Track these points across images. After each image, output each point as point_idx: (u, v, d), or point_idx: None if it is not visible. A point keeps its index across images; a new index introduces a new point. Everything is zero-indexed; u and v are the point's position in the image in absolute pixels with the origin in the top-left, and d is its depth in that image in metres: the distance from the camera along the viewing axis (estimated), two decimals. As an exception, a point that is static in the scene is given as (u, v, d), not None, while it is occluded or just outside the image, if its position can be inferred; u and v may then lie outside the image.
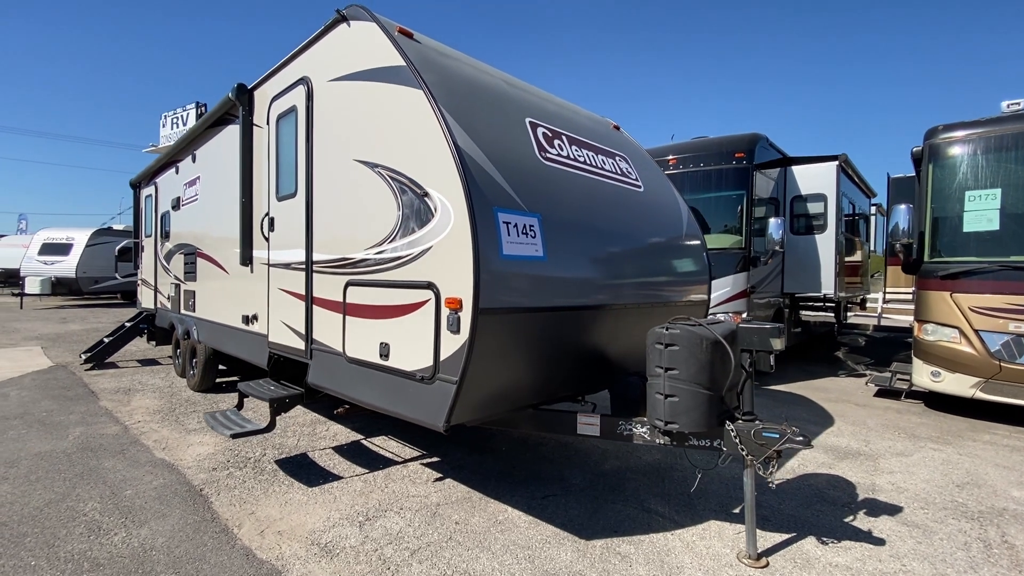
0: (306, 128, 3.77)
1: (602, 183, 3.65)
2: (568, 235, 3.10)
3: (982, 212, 5.76)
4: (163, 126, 32.77)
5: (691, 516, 3.35)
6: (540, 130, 3.40)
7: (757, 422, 2.80)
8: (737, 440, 2.75)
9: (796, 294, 9.02)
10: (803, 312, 9.97)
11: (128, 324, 8.10)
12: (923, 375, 6.05)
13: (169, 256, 7.13)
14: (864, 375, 8.29)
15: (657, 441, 2.94)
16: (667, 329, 2.79)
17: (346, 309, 3.34)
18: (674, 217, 4.31)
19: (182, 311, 6.65)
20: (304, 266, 3.81)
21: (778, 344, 2.77)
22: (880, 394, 6.93)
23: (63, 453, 4.22)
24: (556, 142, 3.45)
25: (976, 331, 5.57)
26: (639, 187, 4.09)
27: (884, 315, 16.12)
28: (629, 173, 4.09)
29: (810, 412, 5.96)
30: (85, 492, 3.51)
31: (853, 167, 9.58)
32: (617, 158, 4.10)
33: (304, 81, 3.80)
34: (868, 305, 14.55)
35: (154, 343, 8.18)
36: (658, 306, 3.86)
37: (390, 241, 2.97)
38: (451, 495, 3.60)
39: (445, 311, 2.57)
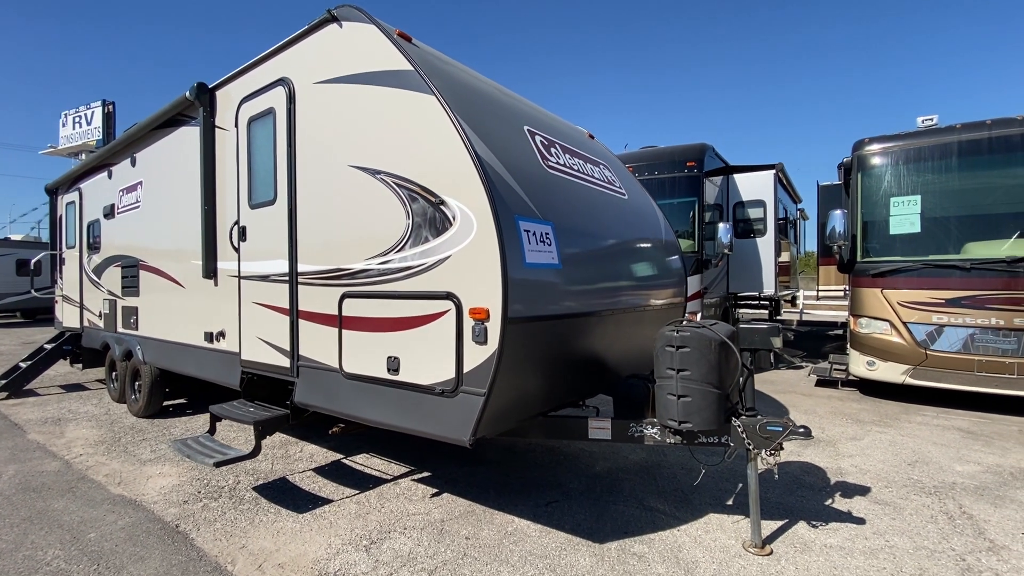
0: (287, 132, 3.56)
1: (596, 191, 3.73)
2: (577, 243, 3.13)
3: (905, 216, 6.43)
4: (63, 125, 29.66)
5: (690, 511, 3.48)
6: (538, 138, 3.42)
7: (759, 417, 2.96)
8: (744, 435, 2.89)
9: (739, 294, 9.63)
10: (743, 310, 10.64)
11: (48, 346, 7.24)
12: (859, 365, 6.64)
13: (100, 269, 6.45)
14: (802, 367, 8.97)
15: (668, 441, 3.02)
16: (677, 331, 2.88)
17: (343, 323, 3.18)
18: (656, 223, 4.48)
19: (119, 329, 6.04)
20: (287, 278, 3.59)
21: (778, 342, 2.95)
22: (820, 383, 7.53)
23: (1, 495, 3.70)
24: (553, 150, 3.48)
25: (904, 323, 6.21)
26: (624, 195, 4.21)
27: (805, 311, 17.57)
28: (614, 181, 4.20)
29: (765, 404, 6.36)
30: (41, 539, 3.10)
31: (786, 175, 10.39)
32: (601, 166, 4.20)
33: (284, 82, 3.59)
34: (797, 303, 15.81)
35: (80, 366, 7.35)
36: (649, 310, 3.98)
37: (397, 251, 2.87)
38: (453, 510, 3.51)
39: (469, 322, 2.52)
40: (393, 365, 2.88)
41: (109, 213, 6.19)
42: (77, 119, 29.48)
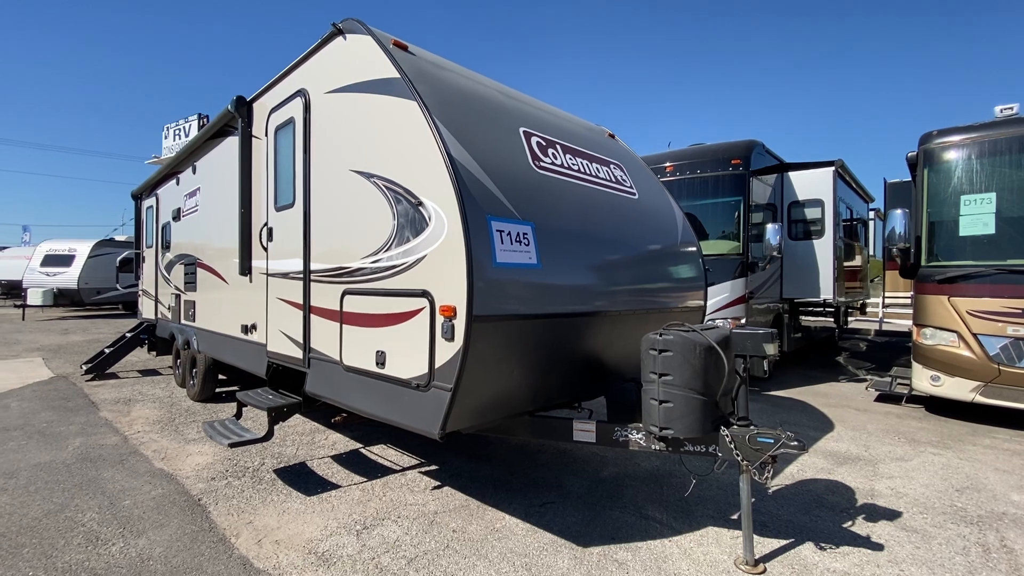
0: (304, 139, 3.82)
1: (596, 191, 3.68)
2: (562, 243, 3.13)
3: (978, 216, 5.78)
4: (165, 137, 32.98)
5: (689, 522, 3.35)
6: (534, 139, 3.44)
7: (752, 427, 2.81)
8: (732, 445, 2.76)
9: (795, 299, 9.02)
10: (803, 317, 9.95)
11: (129, 335, 8.14)
12: (923, 379, 6.03)
13: (170, 267, 7.17)
14: (865, 380, 8.26)
15: (653, 447, 2.94)
16: (660, 335, 2.80)
17: (343, 318, 3.36)
18: (669, 224, 4.34)
19: (182, 321, 6.69)
20: (302, 275, 3.84)
21: (771, 349, 2.78)
22: (880, 399, 6.91)
23: (62, 464, 4.23)
24: (550, 151, 3.49)
25: (975, 335, 5.57)
26: (634, 194, 4.12)
27: (885, 319, 16.11)
28: (624, 181, 4.12)
29: (810, 417, 5.95)
30: (83, 503, 3.52)
31: (850, 172, 9.62)
32: (611, 166, 4.14)
33: (302, 93, 3.86)
34: (869, 310, 14.55)
35: (155, 353, 8.21)
36: (653, 312, 3.87)
37: (386, 250, 3.00)
38: (449, 503, 3.60)
39: (440, 319, 2.59)
40: (380, 359, 3.01)
41: (176, 216, 6.87)
42: (177, 131, 32.67)
